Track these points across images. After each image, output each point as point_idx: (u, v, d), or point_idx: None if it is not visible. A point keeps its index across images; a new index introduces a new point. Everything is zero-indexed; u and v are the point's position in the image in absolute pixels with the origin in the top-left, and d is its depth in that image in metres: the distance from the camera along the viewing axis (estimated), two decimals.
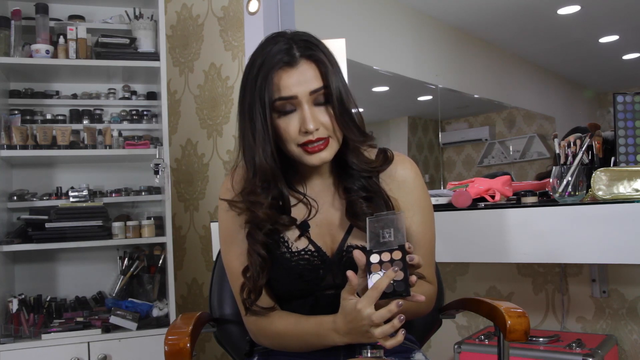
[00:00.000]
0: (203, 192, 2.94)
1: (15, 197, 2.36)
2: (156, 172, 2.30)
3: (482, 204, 1.70)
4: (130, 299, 2.34)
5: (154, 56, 2.41)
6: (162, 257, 2.41)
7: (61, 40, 2.33)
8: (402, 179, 1.14)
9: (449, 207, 1.69)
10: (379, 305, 0.92)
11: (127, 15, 2.57)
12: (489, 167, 4.03)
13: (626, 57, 4.06)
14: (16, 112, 2.39)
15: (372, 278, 0.92)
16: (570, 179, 1.49)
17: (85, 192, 2.33)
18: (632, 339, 1.85)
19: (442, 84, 3.62)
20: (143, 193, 2.51)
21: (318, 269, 1.08)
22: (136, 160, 2.52)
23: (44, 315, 2.23)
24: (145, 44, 2.46)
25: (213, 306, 1.39)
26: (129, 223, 2.34)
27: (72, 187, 2.40)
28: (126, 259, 2.42)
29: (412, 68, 3.47)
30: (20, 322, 2.16)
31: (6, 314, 2.20)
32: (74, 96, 2.53)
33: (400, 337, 0.93)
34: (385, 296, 0.91)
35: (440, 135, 3.96)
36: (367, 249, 0.94)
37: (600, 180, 1.46)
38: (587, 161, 1.63)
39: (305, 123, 1.01)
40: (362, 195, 1.09)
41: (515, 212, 1.54)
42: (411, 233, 1.12)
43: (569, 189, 1.49)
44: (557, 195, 1.51)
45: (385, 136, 3.79)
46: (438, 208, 1.51)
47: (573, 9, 3.51)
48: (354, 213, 1.08)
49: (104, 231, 2.29)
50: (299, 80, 1.01)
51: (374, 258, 0.93)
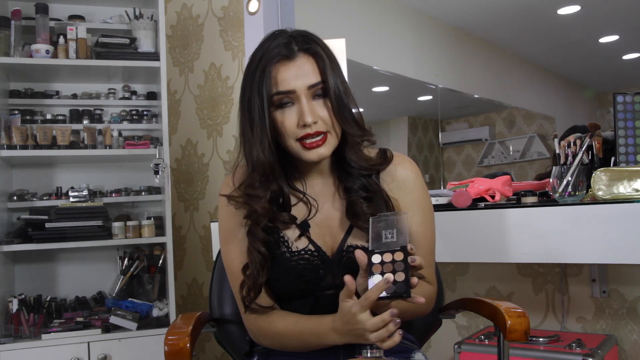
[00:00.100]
0: (203, 192, 2.94)
1: (15, 197, 2.36)
2: (156, 172, 2.30)
3: (482, 204, 1.70)
4: (130, 299, 2.34)
5: (154, 56, 2.41)
6: (162, 257, 2.41)
7: (61, 40, 2.33)
8: (403, 179, 1.14)
9: (449, 207, 1.69)
10: (379, 305, 0.92)
11: (127, 15, 2.57)
12: (489, 167, 4.02)
13: (626, 57, 4.04)
14: (16, 112, 2.39)
15: (373, 279, 0.92)
16: (570, 179, 1.49)
17: (85, 192, 2.33)
18: (632, 339, 1.85)
19: (442, 84, 3.62)
20: (143, 193, 2.51)
21: (318, 269, 1.08)
22: (136, 160, 2.52)
23: (44, 315, 2.22)
24: (145, 44, 2.46)
25: (213, 306, 1.39)
26: (129, 223, 2.34)
27: (72, 187, 2.40)
28: (126, 259, 2.43)
29: (412, 68, 3.47)
30: (20, 322, 2.16)
31: (6, 314, 2.20)
32: (74, 96, 2.53)
33: (397, 337, 0.93)
34: (386, 297, 0.90)
35: (440, 135, 3.95)
36: (369, 249, 0.94)
37: (600, 180, 1.45)
38: (587, 161, 1.63)
39: (304, 116, 1.01)
40: (362, 195, 1.09)
41: (515, 212, 1.54)
42: (411, 233, 1.12)
43: (569, 189, 1.49)
44: (557, 195, 1.51)
45: (385, 136, 3.79)
46: (438, 208, 1.51)
47: (573, 9, 3.50)
48: (354, 213, 1.08)
49: (104, 231, 2.29)
50: (296, 73, 1.01)
51: (376, 258, 0.93)
